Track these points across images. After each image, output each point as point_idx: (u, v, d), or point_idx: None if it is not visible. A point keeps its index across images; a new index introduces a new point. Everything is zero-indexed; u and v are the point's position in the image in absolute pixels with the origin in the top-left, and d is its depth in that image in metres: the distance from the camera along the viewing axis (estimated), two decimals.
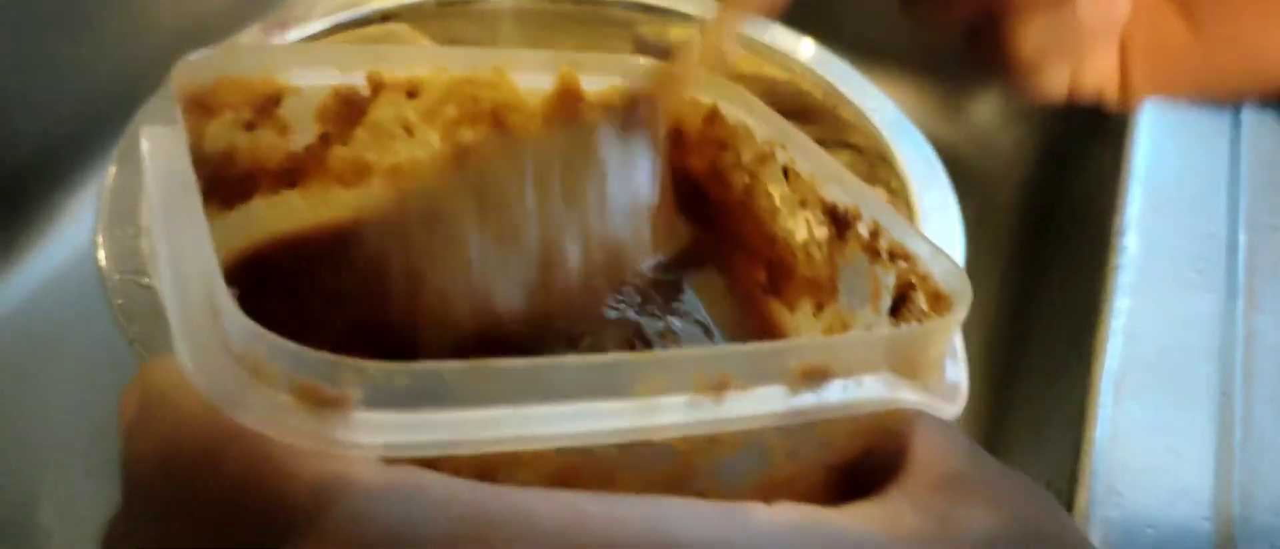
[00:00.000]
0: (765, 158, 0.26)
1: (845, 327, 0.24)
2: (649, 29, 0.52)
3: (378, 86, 0.25)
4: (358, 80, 0.24)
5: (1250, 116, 0.50)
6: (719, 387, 0.16)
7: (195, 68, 0.22)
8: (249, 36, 0.46)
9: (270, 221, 0.25)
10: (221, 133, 0.23)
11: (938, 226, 0.42)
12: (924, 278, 0.22)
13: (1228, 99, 0.32)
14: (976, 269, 0.41)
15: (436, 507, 0.14)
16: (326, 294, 0.24)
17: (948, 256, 0.21)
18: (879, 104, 0.47)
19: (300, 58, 0.24)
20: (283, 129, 0.24)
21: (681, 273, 0.27)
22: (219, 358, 0.15)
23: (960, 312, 0.19)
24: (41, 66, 0.50)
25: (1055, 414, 0.40)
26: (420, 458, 0.15)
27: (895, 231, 0.23)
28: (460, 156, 0.26)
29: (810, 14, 0.53)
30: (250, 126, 0.24)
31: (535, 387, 0.15)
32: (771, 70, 0.50)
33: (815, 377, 0.17)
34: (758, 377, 0.17)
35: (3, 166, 0.49)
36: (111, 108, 0.45)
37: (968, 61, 0.31)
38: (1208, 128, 0.49)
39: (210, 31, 0.46)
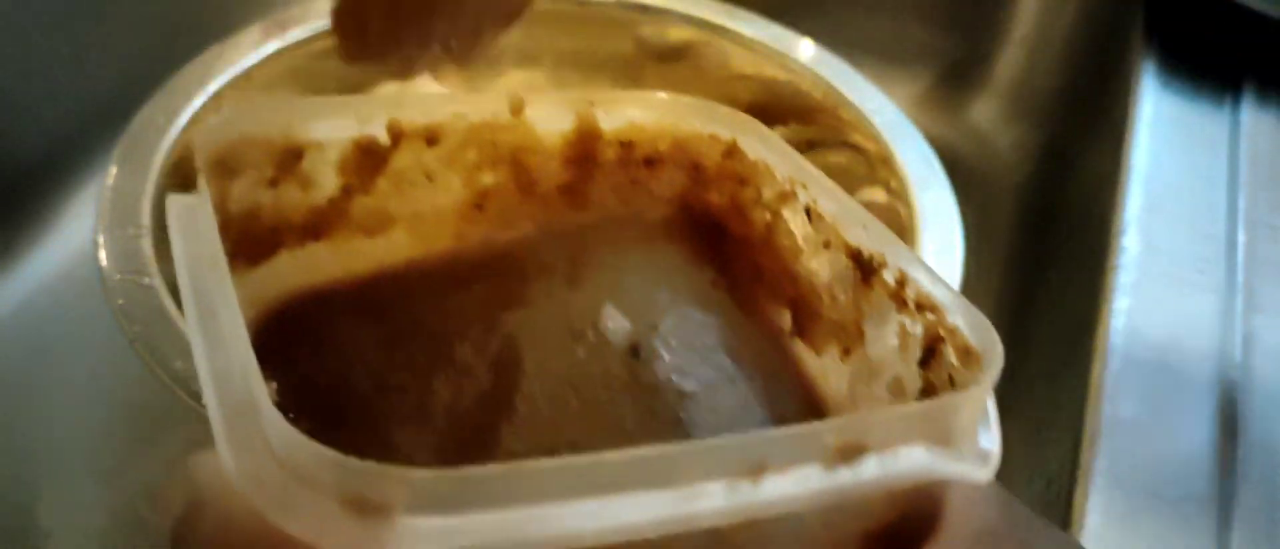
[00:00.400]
0: (787, 196, 0.26)
1: (873, 374, 0.24)
2: (649, 29, 0.52)
3: (398, 136, 0.25)
4: (378, 131, 0.25)
5: (1250, 116, 0.50)
6: (757, 470, 0.17)
7: (216, 131, 0.23)
8: (249, 36, 0.46)
9: (295, 275, 0.25)
10: (245, 192, 0.24)
11: (938, 227, 0.42)
12: (952, 331, 0.22)
13: None
14: (976, 269, 0.41)
15: None
16: (352, 346, 0.24)
17: (976, 311, 0.21)
18: (879, 104, 0.47)
19: (319, 111, 0.24)
20: (305, 183, 0.24)
21: (702, 311, 0.27)
22: (263, 461, 0.15)
23: (993, 374, 0.19)
24: (42, 67, 0.50)
25: (1055, 414, 0.40)
26: None
27: (923, 281, 0.23)
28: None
29: (810, 14, 0.54)
30: (273, 183, 0.24)
31: (577, 483, 0.16)
32: (771, 70, 0.50)
33: (851, 453, 0.17)
34: (794, 458, 0.17)
35: (3, 166, 0.49)
36: (111, 108, 0.45)
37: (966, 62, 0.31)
38: (1207, 128, 0.49)
39: (210, 32, 0.46)
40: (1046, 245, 0.56)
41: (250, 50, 0.45)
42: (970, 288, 0.39)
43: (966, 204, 0.43)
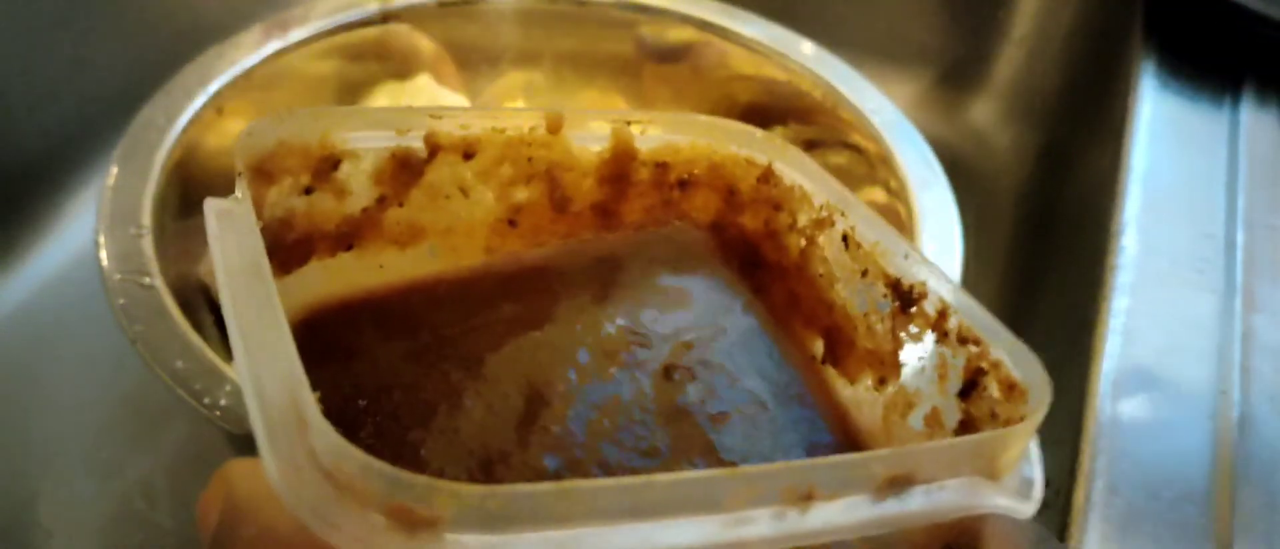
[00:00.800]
0: (823, 223, 0.26)
1: (909, 405, 0.24)
2: (649, 29, 0.52)
3: (435, 148, 0.25)
4: (415, 142, 0.24)
5: (1249, 117, 0.50)
6: (805, 498, 0.17)
7: (256, 136, 0.23)
8: (249, 36, 0.46)
9: (325, 284, 0.25)
10: (280, 199, 0.23)
11: (937, 226, 0.42)
12: (996, 364, 0.22)
13: None
14: (976, 269, 0.41)
15: None
16: (380, 359, 0.24)
17: (1022, 344, 0.21)
18: (879, 104, 0.47)
19: (358, 121, 0.24)
20: (340, 192, 0.24)
21: (735, 335, 0.26)
22: (308, 472, 0.15)
23: (1041, 411, 0.19)
24: (42, 67, 0.50)
25: (1055, 414, 0.40)
26: None
27: (965, 313, 0.22)
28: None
29: (810, 14, 0.54)
30: (308, 190, 0.24)
31: (625, 505, 0.16)
32: (771, 70, 0.50)
33: (899, 484, 0.17)
34: (843, 487, 0.17)
35: (4, 166, 0.49)
36: (112, 108, 0.45)
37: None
38: (1206, 128, 0.49)
39: (211, 32, 0.46)
40: (1046, 245, 0.56)
41: (250, 51, 0.45)
42: (970, 288, 0.39)
43: (966, 204, 0.43)
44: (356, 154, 0.24)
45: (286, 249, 0.24)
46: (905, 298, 0.24)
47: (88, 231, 0.38)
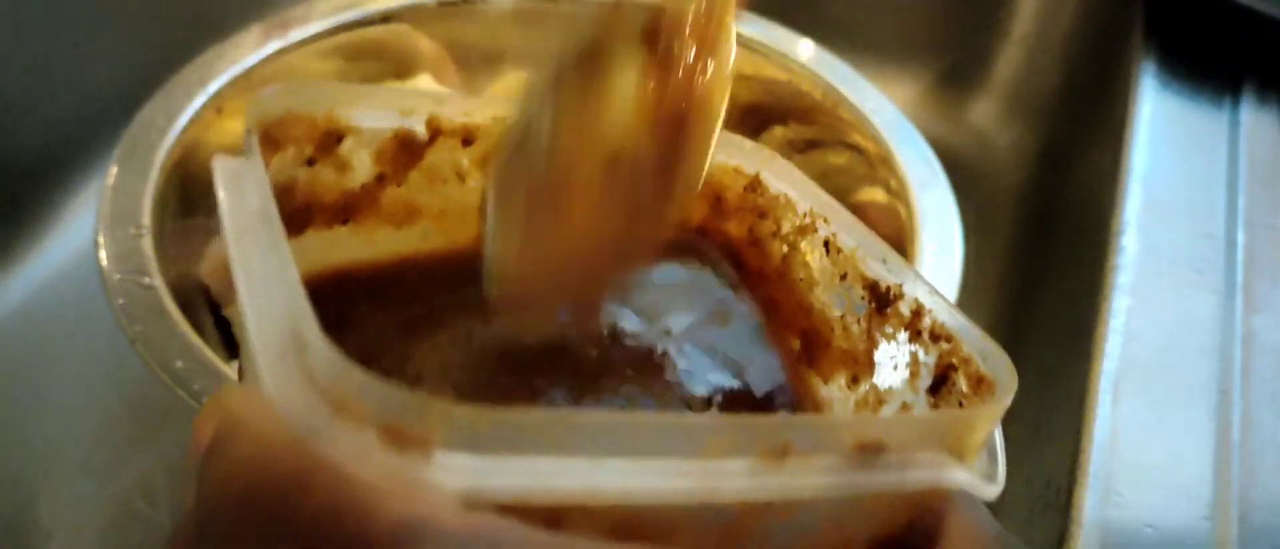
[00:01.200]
0: (806, 229, 0.27)
1: (881, 403, 0.25)
2: None
3: (436, 131, 0.26)
4: (417, 125, 0.25)
5: (1249, 116, 0.50)
6: (780, 454, 0.17)
7: (267, 102, 0.23)
8: (250, 36, 0.46)
9: (320, 255, 0.25)
10: (283, 167, 0.24)
11: (937, 227, 0.42)
12: (966, 360, 0.22)
13: None
14: (976, 269, 0.41)
15: None
16: (370, 331, 0.25)
17: (992, 342, 0.22)
18: (879, 104, 0.47)
19: (365, 98, 0.25)
20: (341, 166, 0.25)
21: (717, 326, 0.27)
22: (304, 390, 0.16)
23: (1006, 399, 0.20)
24: (42, 68, 0.50)
25: (1055, 414, 0.40)
26: (496, 503, 0.15)
27: (938, 312, 0.23)
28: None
29: (810, 14, 0.54)
30: (311, 162, 0.25)
31: (609, 440, 0.16)
32: (771, 70, 0.50)
33: (870, 451, 0.18)
34: (817, 447, 0.17)
35: (4, 166, 0.49)
36: (112, 108, 0.45)
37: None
38: (1206, 128, 0.49)
39: (210, 32, 0.46)
40: (1046, 245, 0.56)
41: (251, 51, 0.45)
42: (970, 288, 0.39)
43: (966, 204, 0.43)
44: (360, 131, 0.25)
45: (285, 217, 0.25)
46: (882, 299, 0.25)
47: (87, 231, 0.38)
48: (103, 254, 0.36)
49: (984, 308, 0.53)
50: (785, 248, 0.27)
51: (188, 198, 0.41)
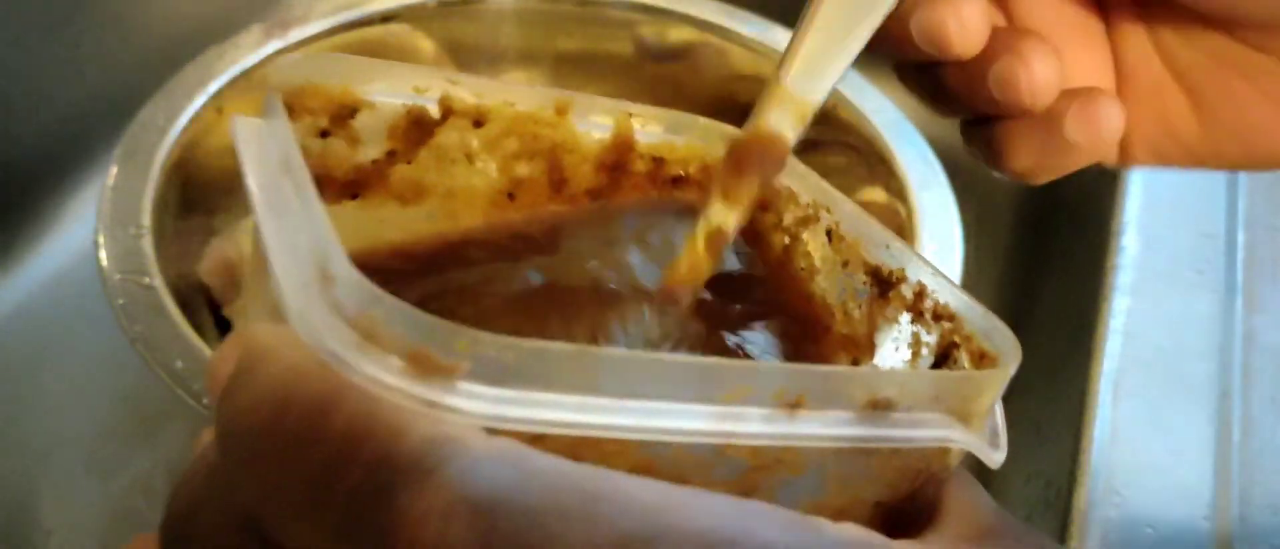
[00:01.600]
0: (808, 220, 0.27)
1: None
2: (649, 29, 0.52)
3: (448, 111, 0.26)
4: (430, 103, 0.25)
5: None
6: (795, 404, 0.17)
7: (287, 70, 0.24)
8: (250, 36, 0.46)
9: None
10: (298, 137, 0.24)
11: (937, 226, 0.42)
12: (968, 338, 0.23)
13: (1223, 169, 0.33)
14: (976, 269, 0.41)
15: (542, 476, 0.15)
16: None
17: (995, 318, 0.22)
18: (879, 104, 0.47)
19: (380, 74, 0.25)
20: (354, 140, 0.25)
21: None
22: (330, 318, 0.16)
23: (1012, 364, 0.20)
24: (42, 68, 0.50)
25: (1055, 414, 0.40)
26: (519, 433, 0.16)
27: (941, 293, 0.24)
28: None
29: None
30: (324, 134, 0.25)
31: (631, 378, 0.16)
32: (771, 70, 0.50)
33: (881, 406, 0.18)
34: (830, 398, 0.18)
35: (4, 167, 0.49)
36: (112, 108, 0.45)
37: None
38: None
39: (210, 33, 0.46)
40: (1046, 245, 0.56)
41: (250, 51, 0.45)
42: (970, 288, 0.39)
43: (966, 204, 0.43)
44: (374, 105, 0.25)
45: None
46: (884, 283, 0.25)
47: (87, 231, 0.38)
48: (103, 254, 0.37)
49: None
50: (787, 239, 0.28)
51: (188, 198, 0.41)
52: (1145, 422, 0.36)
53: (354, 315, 0.16)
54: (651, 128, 0.27)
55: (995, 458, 0.20)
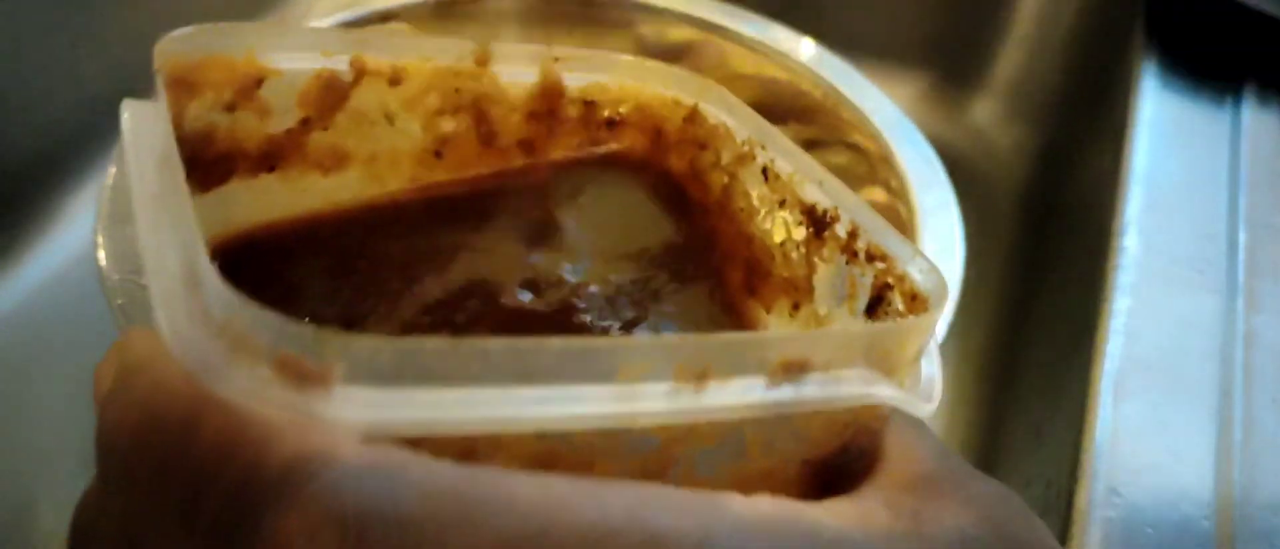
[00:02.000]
0: (745, 158, 0.26)
1: (819, 325, 0.24)
2: (649, 29, 0.52)
3: (361, 72, 0.25)
4: (341, 65, 0.24)
5: (1251, 116, 0.50)
6: (700, 376, 0.16)
7: (179, 43, 0.22)
8: None
9: (245, 206, 0.25)
10: (202, 112, 0.23)
11: (938, 226, 0.42)
12: (901, 278, 0.22)
13: None
14: (976, 269, 0.41)
15: (417, 485, 0.14)
16: (299, 282, 0.24)
17: (925, 257, 0.22)
18: (879, 104, 0.47)
19: (284, 39, 0.24)
20: (263, 111, 0.24)
21: (663, 274, 0.27)
22: (198, 328, 0.15)
23: (937, 311, 0.20)
24: (40, 67, 0.50)
25: (1055, 414, 0.40)
26: (401, 437, 0.15)
27: (874, 233, 0.23)
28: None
29: (810, 14, 0.54)
30: (231, 107, 0.23)
31: (518, 367, 0.15)
32: (771, 70, 0.50)
33: (794, 369, 0.17)
34: (738, 367, 0.17)
35: (2, 166, 0.49)
36: (110, 108, 0.45)
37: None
38: (1208, 127, 0.49)
39: None
40: (1046, 245, 0.56)
41: None
42: (970, 288, 0.39)
43: (966, 204, 0.42)
44: (281, 73, 0.24)
45: (207, 165, 0.24)
46: (819, 223, 0.24)
47: (86, 231, 0.38)
48: (102, 254, 0.36)
49: (984, 308, 0.53)
50: (726, 179, 0.27)
51: None
52: (1146, 422, 0.36)
53: (221, 322, 0.15)
54: (578, 71, 0.26)
55: (924, 409, 0.19)
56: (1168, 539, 0.32)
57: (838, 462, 0.19)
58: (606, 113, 0.27)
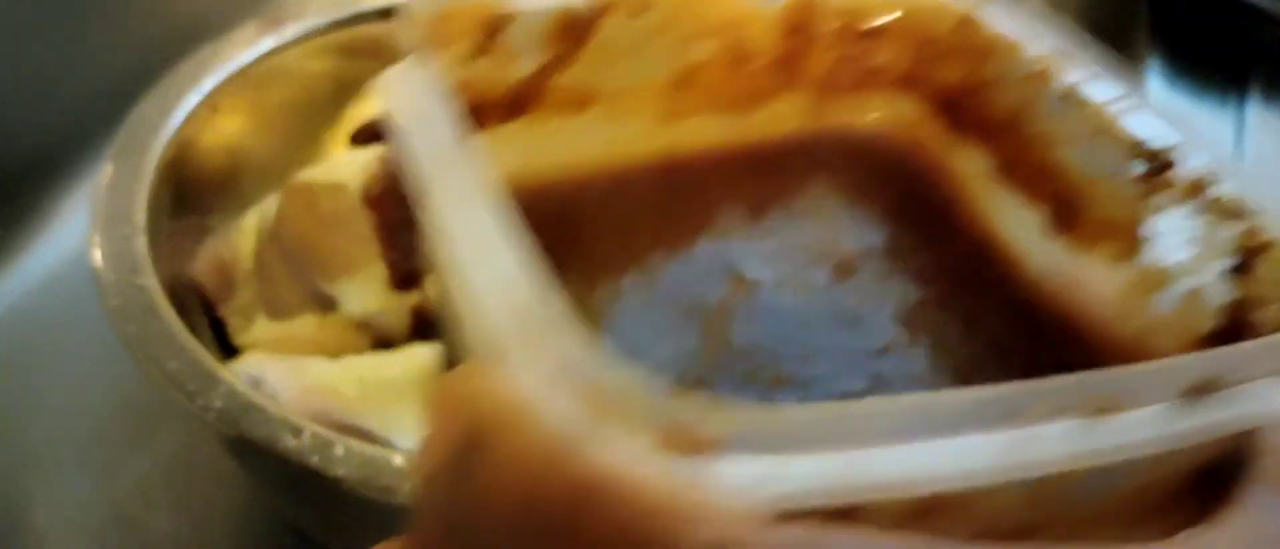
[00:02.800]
0: (1037, 78, 0.23)
1: (1159, 284, 0.21)
2: None
3: (604, 6, 0.24)
4: (581, 1, 0.23)
5: (1251, 116, 0.49)
6: (1103, 410, 0.15)
7: (421, 5, 0.22)
8: (244, 33, 0.45)
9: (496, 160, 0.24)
10: (449, 68, 0.23)
11: None
12: (1271, 244, 0.19)
13: None
14: None
15: None
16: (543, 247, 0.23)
17: None
18: None
19: None
20: (507, 56, 0.23)
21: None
22: (563, 387, 0.14)
23: None
24: (37, 67, 0.50)
25: None
26: (792, 510, 0.14)
27: (1230, 183, 0.20)
28: None
29: None
30: (475, 57, 0.23)
31: (908, 425, 0.14)
32: None
33: (1204, 391, 0.16)
34: (1144, 396, 0.15)
35: None
36: (106, 108, 0.45)
37: None
38: (1211, 127, 0.49)
39: (205, 29, 0.45)
40: None
41: (245, 47, 0.45)
42: None
43: None
44: (522, 15, 0.23)
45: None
46: (1152, 162, 0.21)
47: (81, 231, 0.37)
48: (96, 254, 0.36)
49: None
50: (1015, 98, 0.24)
51: (182, 197, 0.41)
52: None
53: (588, 379, 0.14)
54: None
55: None
56: None
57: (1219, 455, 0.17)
58: (867, 22, 0.25)
